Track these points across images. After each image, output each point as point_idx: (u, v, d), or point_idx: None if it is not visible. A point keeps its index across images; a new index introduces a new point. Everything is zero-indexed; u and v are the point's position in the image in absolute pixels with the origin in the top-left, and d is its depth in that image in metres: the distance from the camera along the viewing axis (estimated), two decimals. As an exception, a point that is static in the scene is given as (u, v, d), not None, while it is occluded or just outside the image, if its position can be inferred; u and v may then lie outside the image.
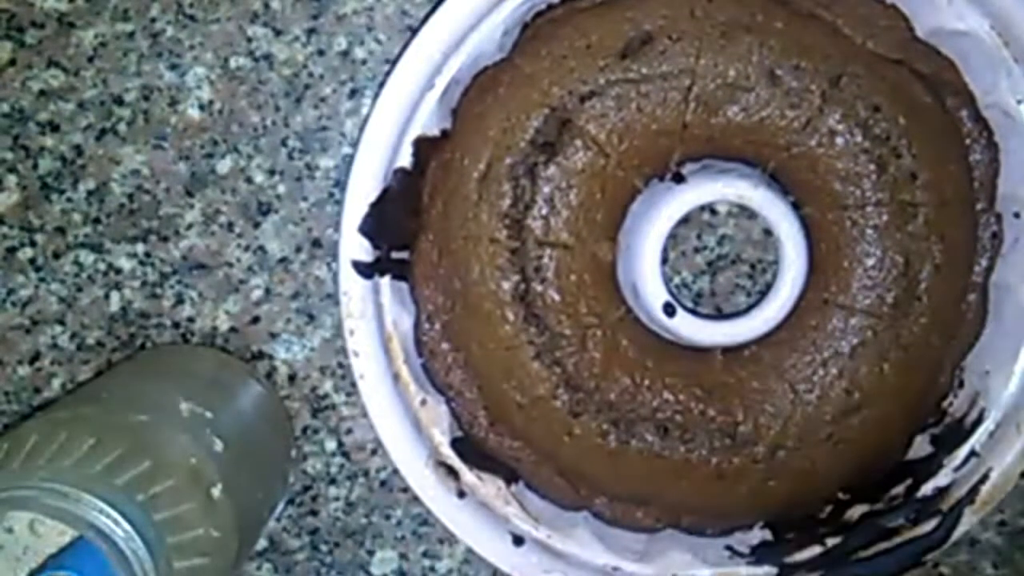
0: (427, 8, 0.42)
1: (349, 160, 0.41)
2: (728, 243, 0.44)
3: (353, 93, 0.43)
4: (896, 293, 0.40)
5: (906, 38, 0.40)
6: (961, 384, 0.41)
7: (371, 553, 0.45)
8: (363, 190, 0.39)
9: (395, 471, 0.40)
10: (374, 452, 0.44)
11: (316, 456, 0.44)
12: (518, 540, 0.41)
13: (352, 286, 0.39)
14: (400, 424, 0.40)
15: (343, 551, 0.45)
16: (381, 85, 0.39)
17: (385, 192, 0.39)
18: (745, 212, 0.43)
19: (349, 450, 0.44)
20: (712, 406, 0.40)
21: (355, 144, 0.41)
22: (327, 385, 0.44)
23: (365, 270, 0.39)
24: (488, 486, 0.41)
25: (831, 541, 0.41)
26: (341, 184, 0.43)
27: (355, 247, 0.39)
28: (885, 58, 0.39)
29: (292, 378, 0.44)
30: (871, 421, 0.40)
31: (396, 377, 0.40)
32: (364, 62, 0.43)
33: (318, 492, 0.45)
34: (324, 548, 0.45)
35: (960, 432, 0.41)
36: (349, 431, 0.44)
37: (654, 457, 0.40)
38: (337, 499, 0.45)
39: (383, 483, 0.45)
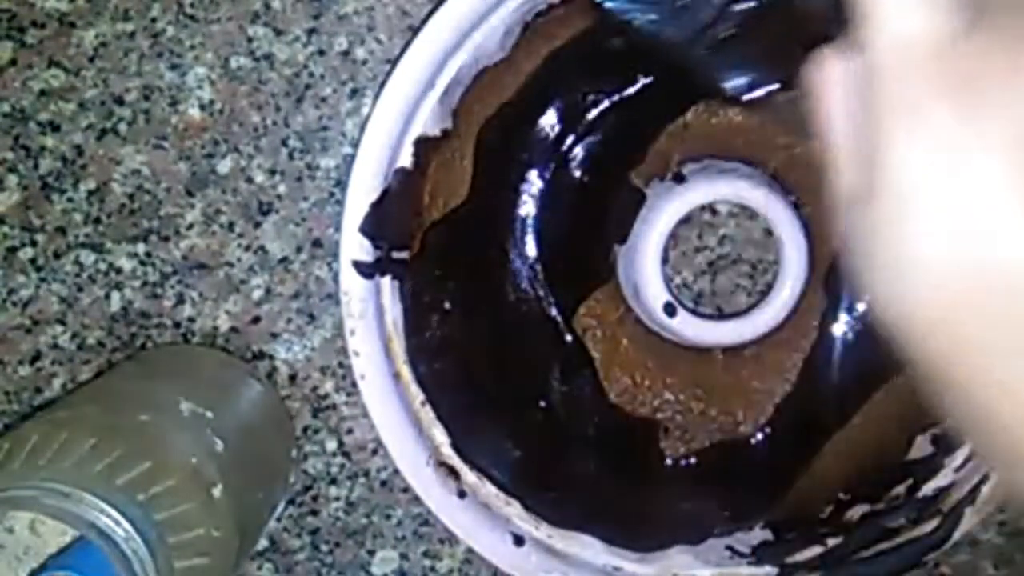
0: (427, 8, 0.42)
1: (350, 160, 0.41)
2: (729, 243, 0.44)
3: (354, 93, 0.43)
4: (897, 293, 0.40)
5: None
6: (962, 384, 0.41)
7: (372, 553, 0.45)
8: (364, 190, 0.39)
9: (396, 471, 0.40)
10: (375, 452, 0.44)
11: (317, 456, 0.44)
12: (518, 540, 0.41)
13: (353, 286, 0.39)
14: (401, 424, 0.40)
15: (344, 551, 0.45)
16: (382, 85, 0.39)
17: (386, 192, 0.39)
18: (746, 212, 0.43)
19: (350, 450, 0.44)
20: (712, 406, 0.40)
21: (356, 144, 0.41)
22: (328, 385, 0.44)
23: (366, 270, 0.39)
24: (489, 486, 0.41)
25: (832, 541, 0.41)
26: (342, 184, 0.43)
27: (356, 247, 0.39)
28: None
29: (293, 378, 0.44)
30: (871, 421, 0.40)
31: (397, 377, 0.40)
32: (365, 62, 0.42)
33: (319, 492, 0.45)
34: (325, 548, 0.45)
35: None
36: (350, 431, 0.44)
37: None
38: (338, 499, 0.45)
39: (384, 483, 0.45)
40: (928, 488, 0.41)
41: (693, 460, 0.41)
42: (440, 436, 0.40)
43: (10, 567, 0.31)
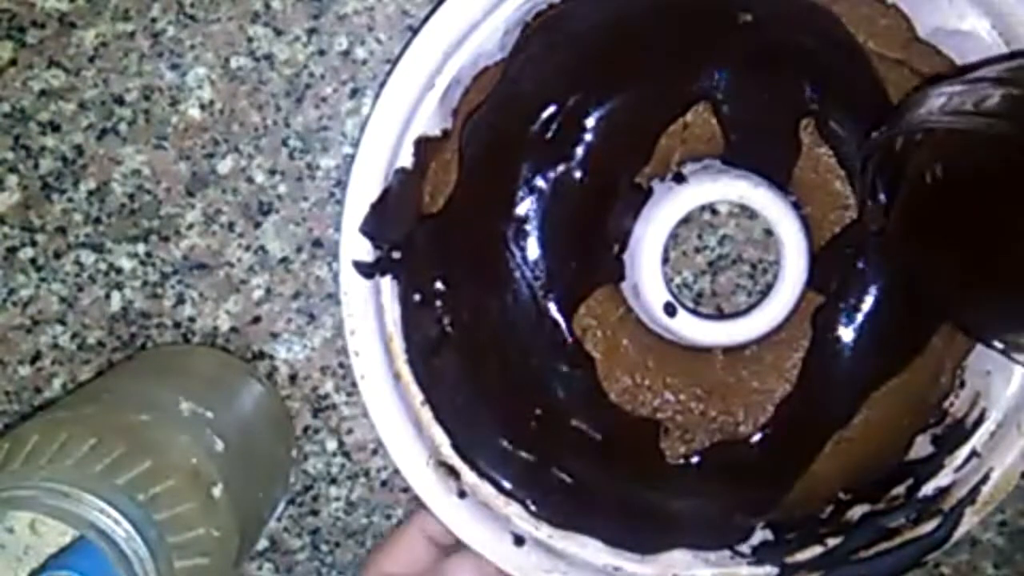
0: (427, 8, 0.42)
1: (350, 160, 0.41)
2: (729, 243, 0.44)
3: (354, 93, 0.43)
4: (897, 293, 0.40)
5: (907, 38, 0.40)
6: (962, 384, 0.41)
7: (372, 553, 0.45)
8: (364, 190, 0.39)
9: (396, 471, 0.40)
10: (375, 452, 0.44)
11: (317, 456, 0.44)
12: (519, 540, 0.41)
13: (353, 286, 0.39)
14: (401, 424, 0.40)
15: (344, 551, 0.45)
16: (382, 85, 0.39)
17: (386, 192, 0.39)
18: (746, 212, 0.43)
19: (350, 450, 0.44)
20: (712, 406, 0.40)
21: (356, 144, 0.41)
22: (328, 385, 0.44)
23: (366, 270, 0.39)
24: (489, 486, 0.41)
25: (832, 541, 0.41)
26: (342, 184, 0.43)
27: (356, 247, 0.39)
28: (886, 57, 0.39)
29: (293, 378, 0.44)
30: (871, 421, 0.40)
31: (397, 377, 0.40)
32: (365, 62, 0.43)
33: (319, 492, 0.45)
34: (325, 548, 0.45)
35: (961, 432, 0.41)
36: (350, 431, 0.44)
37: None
38: (338, 499, 0.45)
39: (384, 483, 0.45)
40: (928, 488, 0.41)
41: (693, 460, 0.41)
42: (440, 436, 0.40)
43: (10, 567, 0.31)
